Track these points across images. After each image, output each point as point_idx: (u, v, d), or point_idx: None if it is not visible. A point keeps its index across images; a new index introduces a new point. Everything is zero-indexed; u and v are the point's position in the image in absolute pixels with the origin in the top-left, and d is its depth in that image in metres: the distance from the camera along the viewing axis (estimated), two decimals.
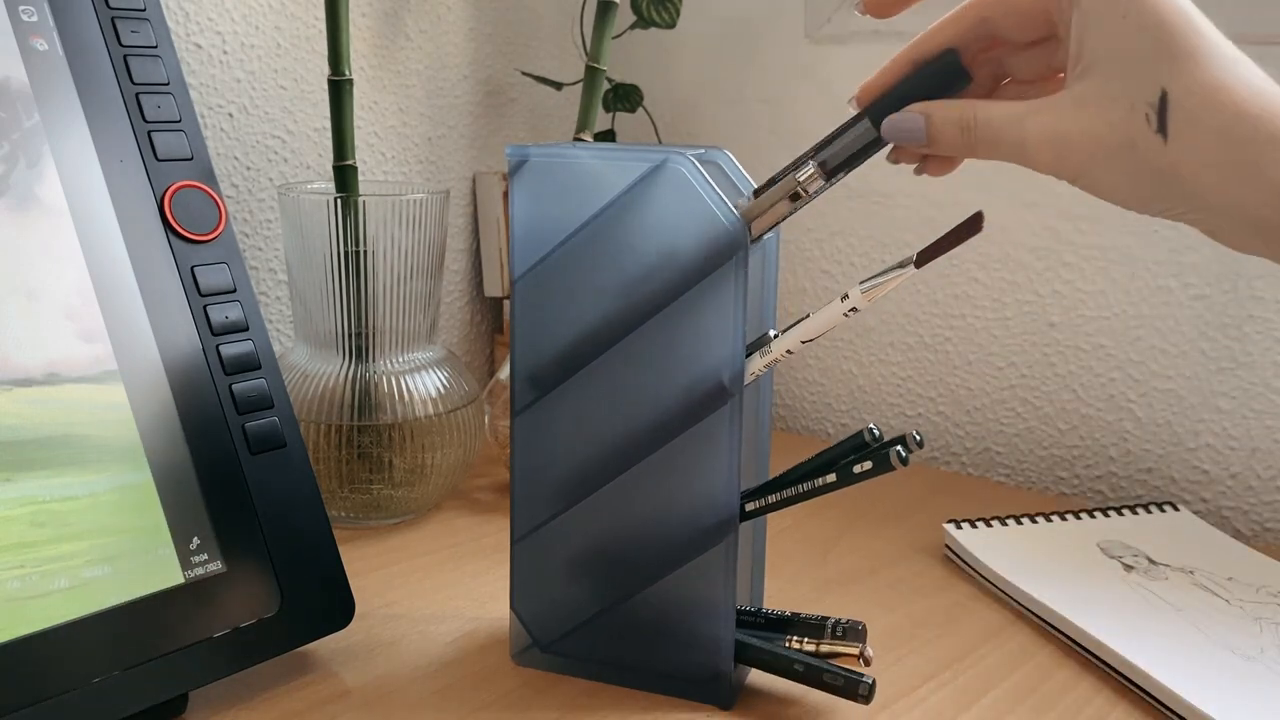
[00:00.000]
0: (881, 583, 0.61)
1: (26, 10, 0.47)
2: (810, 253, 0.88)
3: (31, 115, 0.46)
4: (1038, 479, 0.80)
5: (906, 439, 0.44)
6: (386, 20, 0.82)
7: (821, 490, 0.46)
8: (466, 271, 0.90)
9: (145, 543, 0.45)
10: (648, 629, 0.49)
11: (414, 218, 0.66)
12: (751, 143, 0.89)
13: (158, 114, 0.50)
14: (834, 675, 0.46)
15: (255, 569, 0.48)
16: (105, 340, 0.46)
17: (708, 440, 0.46)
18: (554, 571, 0.50)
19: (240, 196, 0.76)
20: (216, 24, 0.73)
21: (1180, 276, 0.72)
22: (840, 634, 0.48)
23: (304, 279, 0.66)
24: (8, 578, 0.42)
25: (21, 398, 0.44)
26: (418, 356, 0.68)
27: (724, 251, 0.44)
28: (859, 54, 0.83)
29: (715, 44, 0.91)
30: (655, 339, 0.46)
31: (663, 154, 0.45)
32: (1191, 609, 0.56)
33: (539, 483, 0.49)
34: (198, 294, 0.49)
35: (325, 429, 0.65)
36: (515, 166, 0.47)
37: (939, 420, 0.83)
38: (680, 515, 0.47)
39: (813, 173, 0.43)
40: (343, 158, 0.66)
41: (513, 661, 0.51)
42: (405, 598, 0.58)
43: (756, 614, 0.50)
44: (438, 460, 0.67)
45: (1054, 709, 0.48)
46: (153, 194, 0.49)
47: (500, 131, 0.92)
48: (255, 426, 0.49)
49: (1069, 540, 0.64)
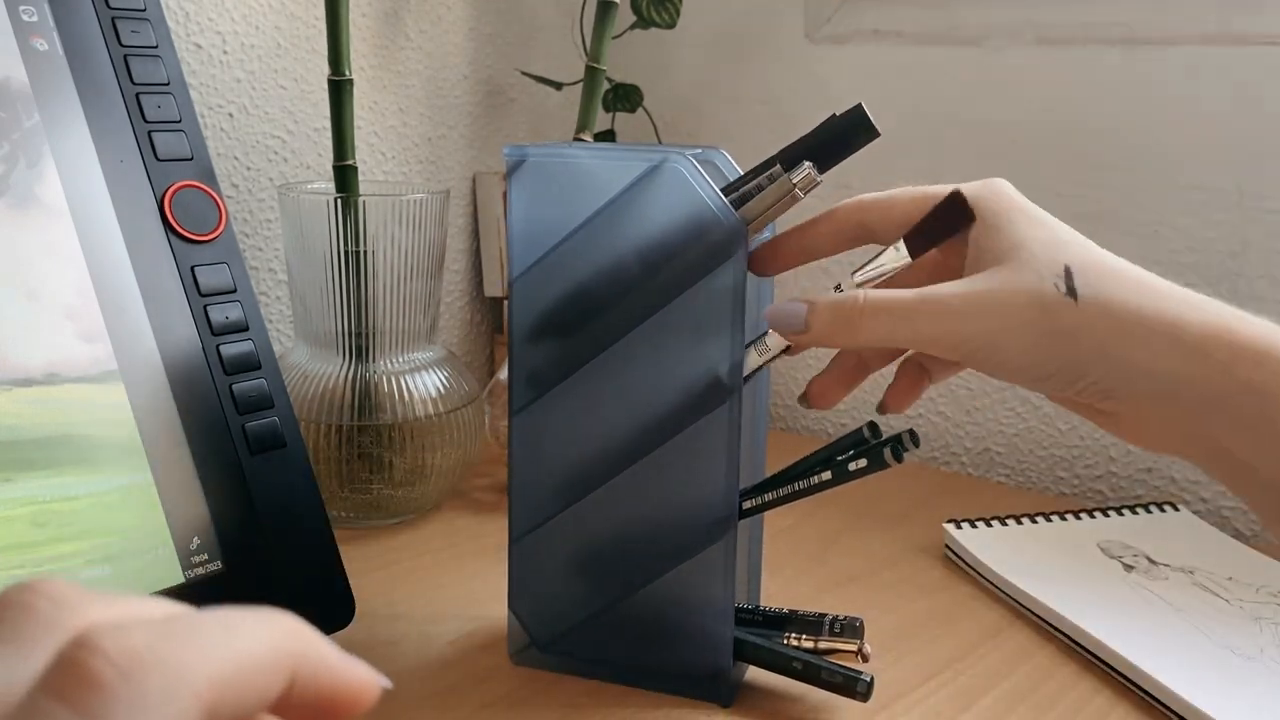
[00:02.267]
0: (881, 582, 0.61)
1: (26, 10, 0.48)
2: None
3: (31, 115, 0.46)
4: (1038, 479, 0.80)
5: (903, 437, 0.44)
6: (386, 20, 0.82)
7: (818, 488, 0.46)
8: (466, 271, 0.90)
9: (145, 543, 0.45)
10: (646, 627, 0.49)
11: (414, 218, 0.66)
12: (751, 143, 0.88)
13: (158, 114, 0.50)
14: (832, 673, 0.46)
15: (255, 569, 0.48)
16: (105, 340, 0.46)
17: (706, 438, 0.46)
18: (552, 571, 0.50)
19: (240, 196, 0.76)
20: (216, 24, 0.73)
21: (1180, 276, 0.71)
22: (838, 630, 0.48)
23: (304, 279, 0.66)
24: (8, 578, 0.42)
25: (21, 398, 0.44)
26: (418, 356, 0.68)
27: (722, 251, 0.44)
28: (859, 54, 0.83)
29: (715, 44, 0.91)
30: (653, 338, 0.46)
31: (661, 154, 0.45)
32: (1191, 609, 0.56)
33: (537, 482, 0.49)
34: (198, 294, 0.49)
35: (325, 429, 0.65)
36: (513, 166, 0.47)
37: (939, 420, 0.83)
38: (679, 513, 0.47)
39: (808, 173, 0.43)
40: (343, 158, 0.66)
41: (511, 661, 0.51)
42: (405, 598, 0.58)
43: (754, 611, 0.50)
44: (438, 460, 0.67)
45: (1054, 709, 0.48)
46: (153, 194, 0.49)
47: (500, 131, 0.92)
48: (255, 426, 0.49)
49: (1069, 540, 0.64)
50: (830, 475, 0.45)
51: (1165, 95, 0.71)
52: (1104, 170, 0.74)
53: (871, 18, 0.82)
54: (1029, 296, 0.38)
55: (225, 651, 0.19)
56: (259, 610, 0.21)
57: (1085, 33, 0.74)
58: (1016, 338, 0.39)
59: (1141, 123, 0.72)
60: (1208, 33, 0.69)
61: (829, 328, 0.41)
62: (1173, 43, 0.71)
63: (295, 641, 0.20)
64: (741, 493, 0.47)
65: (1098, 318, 0.38)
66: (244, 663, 0.19)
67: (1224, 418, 0.37)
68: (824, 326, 0.41)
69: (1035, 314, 0.38)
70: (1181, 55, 0.70)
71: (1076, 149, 0.75)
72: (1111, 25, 0.73)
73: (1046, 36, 0.75)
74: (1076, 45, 0.74)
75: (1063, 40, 0.74)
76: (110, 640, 0.18)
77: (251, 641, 0.19)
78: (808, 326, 0.42)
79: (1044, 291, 0.38)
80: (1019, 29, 0.76)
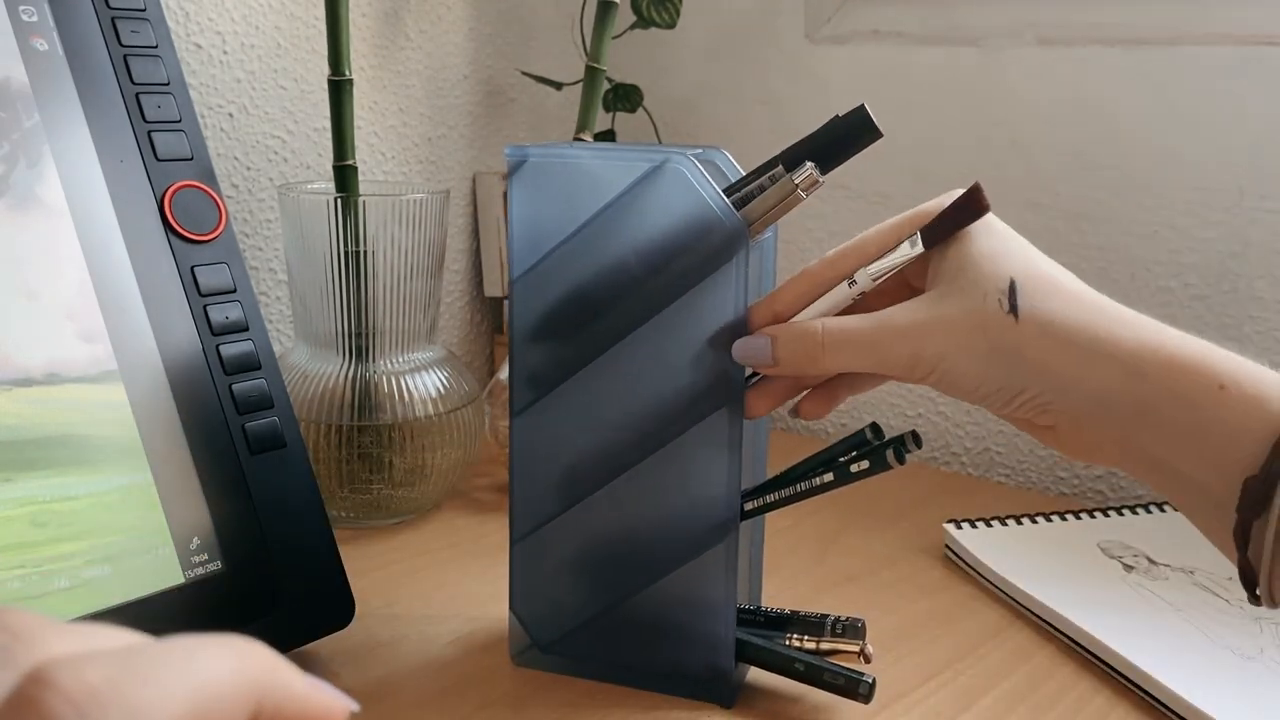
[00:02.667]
0: (881, 582, 0.61)
1: (26, 10, 0.47)
2: (810, 253, 0.88)
3: (31, 115, 0.46)
4: (1038, 479, 0.80)
5: (905, 438, 0.44)
6: (386, 20, 0.82)
7: (820, 489, 0.46)
8: (466, 271, 0.90)
9: (145, 543, 0.45)
10: (648, 628, 0.48)
11: (414, 218, 0.66)
12: (751, 143, 0.88)
13: (158, 114, 0.50)
14: (834, 674, 0.46)
15: (255, 569, 0.48)
16: (105, 340, 0.46)
17: (708, 439, 0.46)
18: (554, 572, 0.50)
19: (240, 196, 0.76)
20: (216, 24, 0.73)
21: (1180, 276, 0.72)
22: (840, 631, 0.48)
23: (304, 279, 0.66)
24: (8, 578, 0.42)
25: (21, 398, 0.44)
26: (418, 356, 0.68)
27: (725, 251, 0.44)
28: (859, 54, 0.83)
29: (715, 44, 0.91)
30: (655, 339, 0.46)
31: (663, 154, 0.45)
32: (1191, 609, 0.56)
33: (538, 483, 0.49)
34: (198, 294, 0.49)
35: (325, 429, 0.65)
36: (514, 166, 0.47)
37: (939, 420, 0.83)
38: (681, 514, 0.47)
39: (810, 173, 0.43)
40: (343, 158, 0.66)
41: (513, 663, 0.51)
42: (405, 598, 0.57)
43: (756, 612, 0.50)
44: (438, 460, 0.67)
45: (1054, 709, 0.48)
46: (153, 194, 0.49)
47: (500, 131, 0.92)
48: (255, 426, 0.49)
49: (1069, 540, 0.64)
50: (832, 477, 0.45)
51: (1165, 95, 0.71)
52: (1104, 170, 0.74)
53: (871, 18, 0.82)
54: (975, 317, 0.40)
55: (186, 684, 0.18)
56: (222, 637, 0.20)
57: (1085, 33, 0.74)
58: (965, 357, 0.41)
59: (1141, 123, 0.72)
60: (1208, 33, 0.69)
61: (794, 359, 0.43)
62: (1173, 43, 0.71)
63: (259, 669, 0.20)
64: (743, 494, 0.47)
65: (1037, 335, 0.40)
66: (206, 695, 0.19)
67: (1157, 429, 0.38)
68: (790, 358, 0.43)
69: (979, 334, 0.40)
70: (1182, 55, 0.70)
71: (1076, 149, 0.75)
72: (1112, 25, 0.73)
73: (1046, 36, 0.75)
74: (1076, 45, 0.74)
75: (1063, 40, 0.74)
76: (68, 676, 0.17)
77: (214, 672, 0.19)
78: (775, 360, 0.44)
79: (987, 311, 0.40)
80: (1019, 29, 0.76)
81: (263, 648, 0.21)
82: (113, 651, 0.18)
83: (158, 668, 0.18)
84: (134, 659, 0.18)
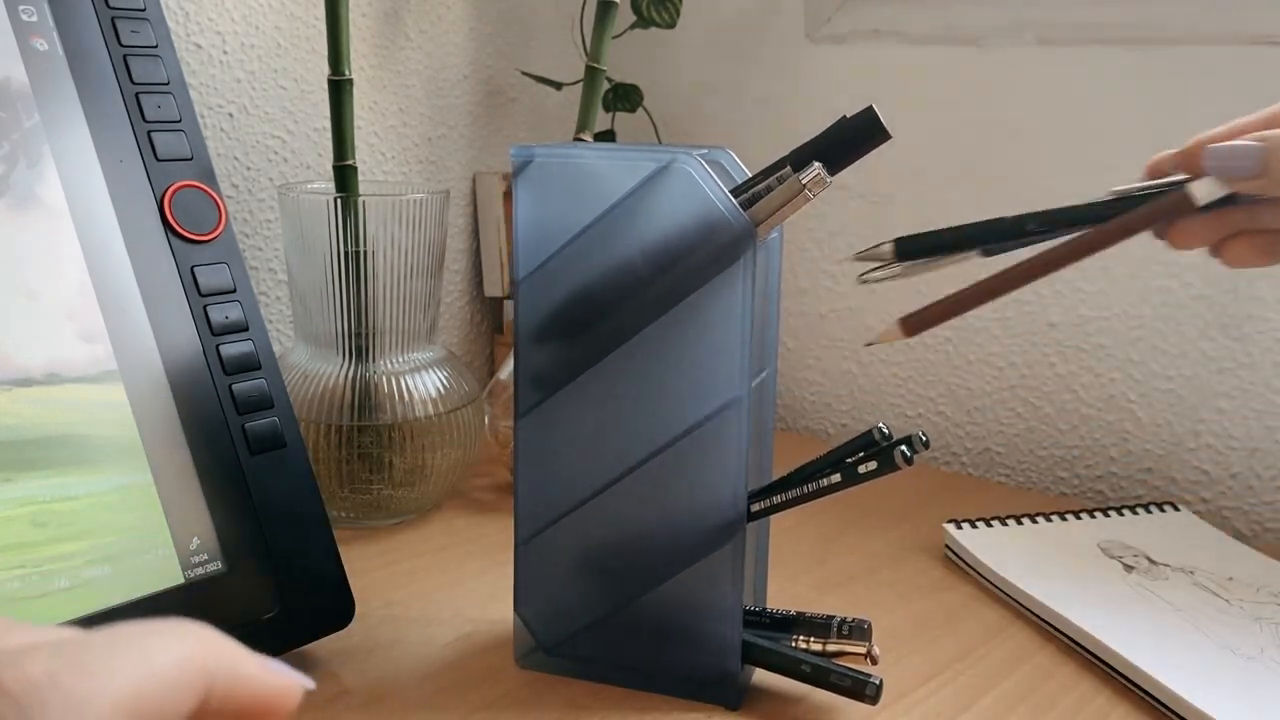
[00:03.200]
0: (881, 583, 0.61)
1: (26, 10, 0.47)
2: (810, 253, 0.88)
3: (31, 115, 0.46)
4: (1038, 479, 0.80)
5: (913, 439, 0.44)
6: (386, 20, 0.82)
7: (827, 490, 0.46)
8: (466, 271, 0.90)
9: (145, 543, 0.45)
10: (654, 630, 0.48)
11: (414, 218, 0.66)
12: (751, 142, 0.88)
13: (158, 114, 0.50)
14: (841, 676, 0.46)
15: (255, 569, 0.47)
16: (105, 340, 0.46)
17: (715, 441, 0.46)
18: (559, 574, 0.50)
19: (240, 196, 0.75)
20: (216, 24, 0.73)
21: (1180, 276, 0.72)
22: (846, 633, 0.48)
23: (304, 279, 0.66)
24: (8, 578, 0.42)
25: (21, 398, 0.44)
26: (418, 356, 0.68)
27: (732, 251, 0.44)
28: (859, 54, 0.83)
29: (715, 44, 0.91)
30: (660, 340, 0.46)
31: (669, 154, 0.45)
32: (1191, 609, 0.56)
33: (543, 485, 0.49)
34: (198, 294, 0.49)
35: (325, 429, 0.65)
36: (520, 167, 0.46)
37: (939, 420, 0.83)
38: (687, 516, 0.47)
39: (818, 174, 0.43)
40: (343, 158, 0.66)
41: (517, 665, 0.51)
42: (405, 598, 0.57)
43: (761, 613, 0.50)
44: (438, 460, 0.67)
45: (1054, 709, 0.48)
46: (153, 194, 0.49)
47: (500, 131, 0.92)
48: (255, 426, 0.49)
49: (1069, 540, 0.64)
50: (840, 477, 0.45)
51: (1165, 95, 0.71)
52: (1103, 171, 0.74)
53: (871, 18, 0.82)
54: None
55: (130, 673, 0.18)
56: (171, 623, 0.20)
57: (1085, 33, 0.74)
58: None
59: (1142, 123, 0.72)
60: (1208, 33, 0.70)
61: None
62: (1173, 43, 0.71)
63: (207, 654, 0.20)
64: (750, 495, 0.47)
65: None
66: (151, 682, 0.18)
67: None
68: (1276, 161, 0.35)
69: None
70: (1182, 55, 0.70)
71: (1076, 149, 0.75)
72: (1111, 25, 0.73)
73: (1046, 36, 0.75)
74: (1076, 45, 0.74)
75: (1063, 40, 0.75)
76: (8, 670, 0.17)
77: (159, 659, 0.19)
78: (1265, 169, 0.36)
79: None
80: (1019, 29, 0.76)
81: (213, 631, 0.20)
82: (55, 644, 0.18)
83: (101, 658, 0.18)
84: (76, 650, 0.18)
